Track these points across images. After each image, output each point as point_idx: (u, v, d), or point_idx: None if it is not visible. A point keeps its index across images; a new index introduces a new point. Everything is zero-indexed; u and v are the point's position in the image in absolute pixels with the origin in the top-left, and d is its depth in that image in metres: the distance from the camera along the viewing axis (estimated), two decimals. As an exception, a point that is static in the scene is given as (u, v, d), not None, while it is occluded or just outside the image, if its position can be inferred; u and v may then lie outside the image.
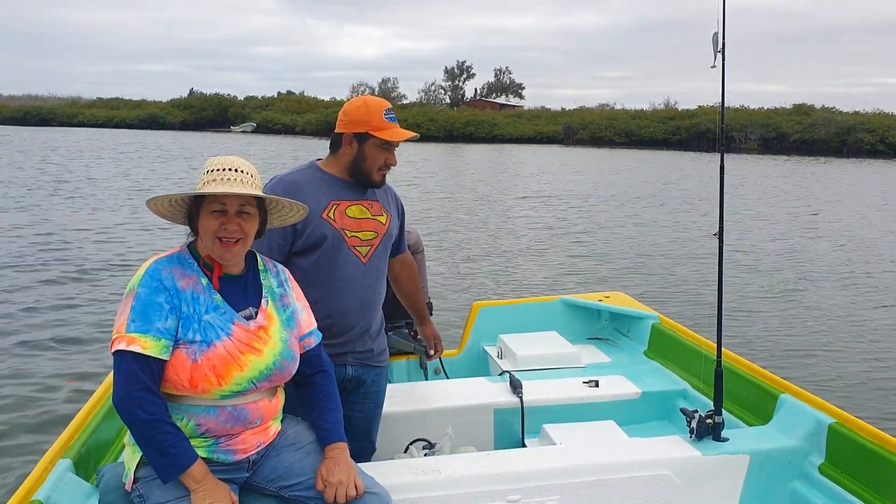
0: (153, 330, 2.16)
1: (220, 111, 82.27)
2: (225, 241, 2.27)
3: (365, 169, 2.94)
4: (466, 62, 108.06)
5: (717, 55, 2.93)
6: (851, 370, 7.03)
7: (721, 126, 3.11)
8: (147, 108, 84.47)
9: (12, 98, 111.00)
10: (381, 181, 3.01)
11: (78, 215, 15.94)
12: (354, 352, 2.98)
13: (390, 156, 2.97)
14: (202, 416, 2.23)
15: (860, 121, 56.36)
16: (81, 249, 12.06)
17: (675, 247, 13.95)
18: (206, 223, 2.28)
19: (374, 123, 2.90)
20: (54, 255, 11.52)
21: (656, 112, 70.62)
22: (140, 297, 2.20)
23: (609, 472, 2.78)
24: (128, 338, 2.14)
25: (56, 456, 2.52)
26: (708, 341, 3.61)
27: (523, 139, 65.86)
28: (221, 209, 2.27)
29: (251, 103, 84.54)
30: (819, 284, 10.98)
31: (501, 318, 4.62)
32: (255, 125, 75.60)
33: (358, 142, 2.93)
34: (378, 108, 2.94)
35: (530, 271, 11.48)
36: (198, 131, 72.86)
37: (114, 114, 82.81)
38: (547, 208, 19.74)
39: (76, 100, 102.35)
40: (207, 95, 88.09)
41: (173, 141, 51.10)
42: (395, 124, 2.96)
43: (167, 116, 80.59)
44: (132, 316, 2.17)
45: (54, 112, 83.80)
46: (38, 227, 14.03)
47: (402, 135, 2.95)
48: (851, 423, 2.90)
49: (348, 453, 2.41)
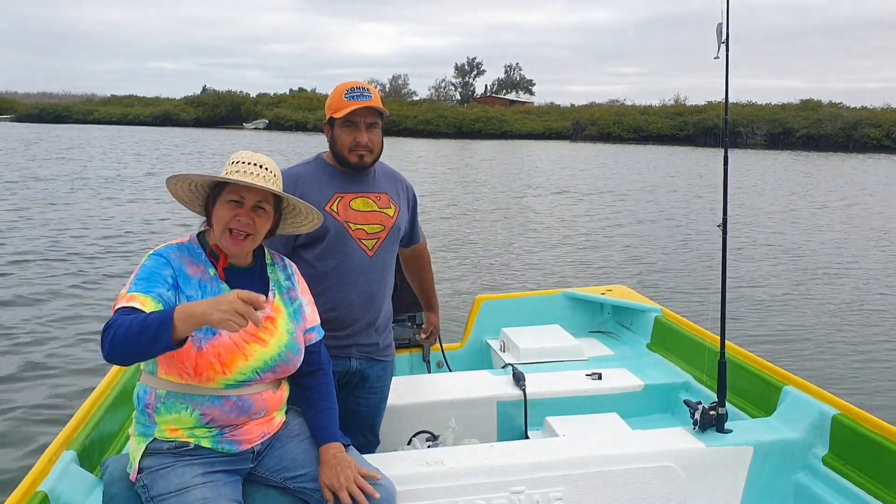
0: (154, 293, 2.15)
1: (233, 108, 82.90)
2: (235, 234, 2.28)
3: (338, 152, 2.92)
4: (477, 59, 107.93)
5: (721, 46, 2.91)
6: (855, 361, 7.02)
7: (724, 117, 3.09)
8: (161, 106, 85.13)
9: (28, 96, 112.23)
10: (360, 162, 2.91)
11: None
12: (359, 345, 2.97)
13: (358, 134, 2.86)
14: (207, 405, 2.24)
15: (867, 116, 56.41)
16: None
17: (677, 240, 13.94)
18: (220, 212, 2.29)
19: (334, 105, 2.88)
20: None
21: (664, 108, 70.84)
22: (146, 266, 2.22)
23: (612, 463, 2.78)
24: (128, 296, 2.12)
25: (60, 448, 2.53)
26: (711, 334, 3.60)
27: (532, 135, 65.87)
28: (238, 200, 2.28)
29: (263, 100, 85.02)
30: (822, 275, 10.95)
31: (504, 312, 4.62)
32: (267, 122, 75.90)
33: (330, 127, 2.93)
34: (341, 89, 2.89)
35: (532, 265, 11.48)
36: (211, 128, 73.23)
37: (128, 111, 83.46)
38: (551, 203, 19.76)
39: (91, 97, 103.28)
40: (220, 93, 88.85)
41: (194, 139, 51.44)
42: (356, 101, 2.83)
43: (181, 114, 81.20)
44: (136, 280, 2.18)
45: (70, 109, 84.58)
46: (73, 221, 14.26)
47: (350, 105, 2.81)
48: (855, 414, 2.89)
49: (344, 451, 2.40)
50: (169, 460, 2.23)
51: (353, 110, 2.82)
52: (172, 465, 2.22)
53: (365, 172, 2.98)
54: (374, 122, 2.90)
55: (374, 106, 2.85)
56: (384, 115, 2.94)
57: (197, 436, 2.25)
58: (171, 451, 2.24)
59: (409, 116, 70.71)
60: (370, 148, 2.90)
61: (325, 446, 2.40)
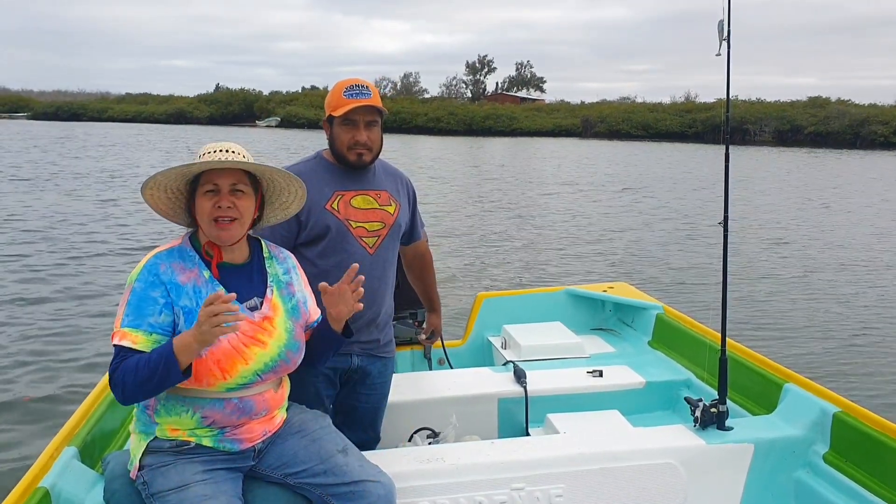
0: (145, 325, 2.17)
1: (246, 106, 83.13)
2: (221, 221, 2.26)
3: (338, 151, 2.92)
4: (488, 56, 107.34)
5: (723, 43, 2.90)
6: (856, 359, 6.99)
7: (725, 113, 3.08)
8: (174, 104, 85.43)
9: (43, 94, 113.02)
10: (359, 161, 2.90)
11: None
12: (360, 342, 2.97)
13: (356, 132, 2.85)
14: (208, 408, 2.24)
15: (875, 113, 56.11)
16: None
17: (679, 238, 13.92)
18: (201, 206, 2.28)
19: (333, 103, 2.88)
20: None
21: (674, 105, 70.70)
22: (136, 291, 2.22)
23: (613, 460, 2.78)
24: (121, 332, 2.17)
25: (62, 443, 2.54)
26: (712, 331, 3.59)
27: (542, 132, 65.77)
28: (214, 188, 2.27)
29: (276, 98, 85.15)
30: (823, 273, 10.91)
31: (505, 309, 4.61)
32: (279, 119, 76.01)
33: (329, 125, 2.93)
34: (340, 86, 2.88)
35: (533, 262, 11.48)
36: (224, 126, 73.43)
37: (142, 109, 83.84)
38: (554, 200, 19.74)
39: (105, 95, 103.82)
40: (233, 90, 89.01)
41: (210, 137, 51.78)
42: (355, 100, 2.82)
43: (194, 111, 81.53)
44: (127, 311, 2.20)
45: (85, 107, 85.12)
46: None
47: (349, 103, 2.81)
48: (856, 411, 2.87)
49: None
50: (170, 458, 2.24)
51: (353, 108, 2.81)
52: (173, 463, 2.23)
53: (365, 170, 2.98)
54: (374, 120, 2.89)
55: (373, 104, 2.84)
56: (383, 114, 2.93)
57: (198, 435, 2.26)
58: (172, 449, 2.25)
59: (419, 114, 70.78)
60: (369, 146, 2.89)
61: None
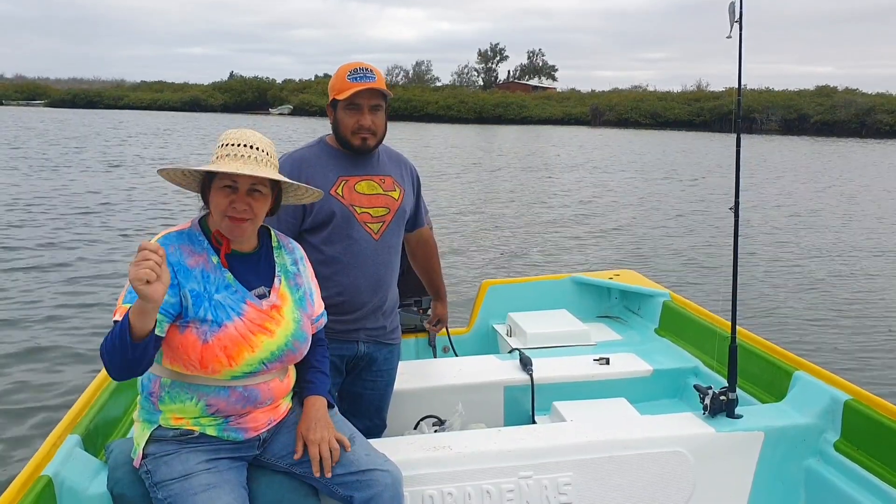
0: None
1: (260, 94, 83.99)
2: (233, 219, 2.23)
3: (342, 135, 2.88)
4: (500, 44, 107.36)
5: (735, 25, 2.84)
6: (867, 346, 6.96)
7: (737, 98, 3.02)
8: (189, 91, 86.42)
9: (59, 81, 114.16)
10: (363, 145, 2.87)
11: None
12: (366, 328, 2.96)
13: (361, 116, 2.82)
14: (212, 396, 2.22)
15: (882, 102, 56.16)
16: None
17: (687, 225, 13.90)
18: (216, 199, 2.23)
19: (337, 87, 2.84)
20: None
21: (683, 94, 70.88)
22: None
23: (622, 448, 2.75)
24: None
25: (65, 431, 2.52)
26: (720, 318, 3.55)
27: (551, 120, 65.91)
28: (232, 185, 2.21)
29: (289, 86, 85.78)
30: (833, 261, 10.86)
31: (511, 297, 4.57)
32: (292, 107, 76.26)
33: (333, 109, 2.89)
34: (343, 70, 2.84)
35: (539, 249, 11.46)
36: (238, 113, 73.87)
37: (158, 96, 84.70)
38: (559, 187, 19.75)
39: (120, 83, 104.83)
40: (247, 78, 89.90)
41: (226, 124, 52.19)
42: (359, 83, 2.77)
43: (209, 99, 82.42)
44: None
45: (101, 95, 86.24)
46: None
47: (353, 87, 2.76)
48: (867, 399, 2.83)
49: (328, 410, 2.40)
50: (173, 447, 2.22)
51: (357, 92, 2.77)
52: (177, 452, 2.21)
53: (369, 155, 2.95)
54: (378, 104, 2.85)
55: (377, 88, 2.80)
56: (388, 97, 2.89)
57: (202, 424, 2.24)
58: (176, 438, 2.23)
59: (430, 102, 71.34)
60: (373, 130, 2.86)
61: (311, 398, 2.39)
